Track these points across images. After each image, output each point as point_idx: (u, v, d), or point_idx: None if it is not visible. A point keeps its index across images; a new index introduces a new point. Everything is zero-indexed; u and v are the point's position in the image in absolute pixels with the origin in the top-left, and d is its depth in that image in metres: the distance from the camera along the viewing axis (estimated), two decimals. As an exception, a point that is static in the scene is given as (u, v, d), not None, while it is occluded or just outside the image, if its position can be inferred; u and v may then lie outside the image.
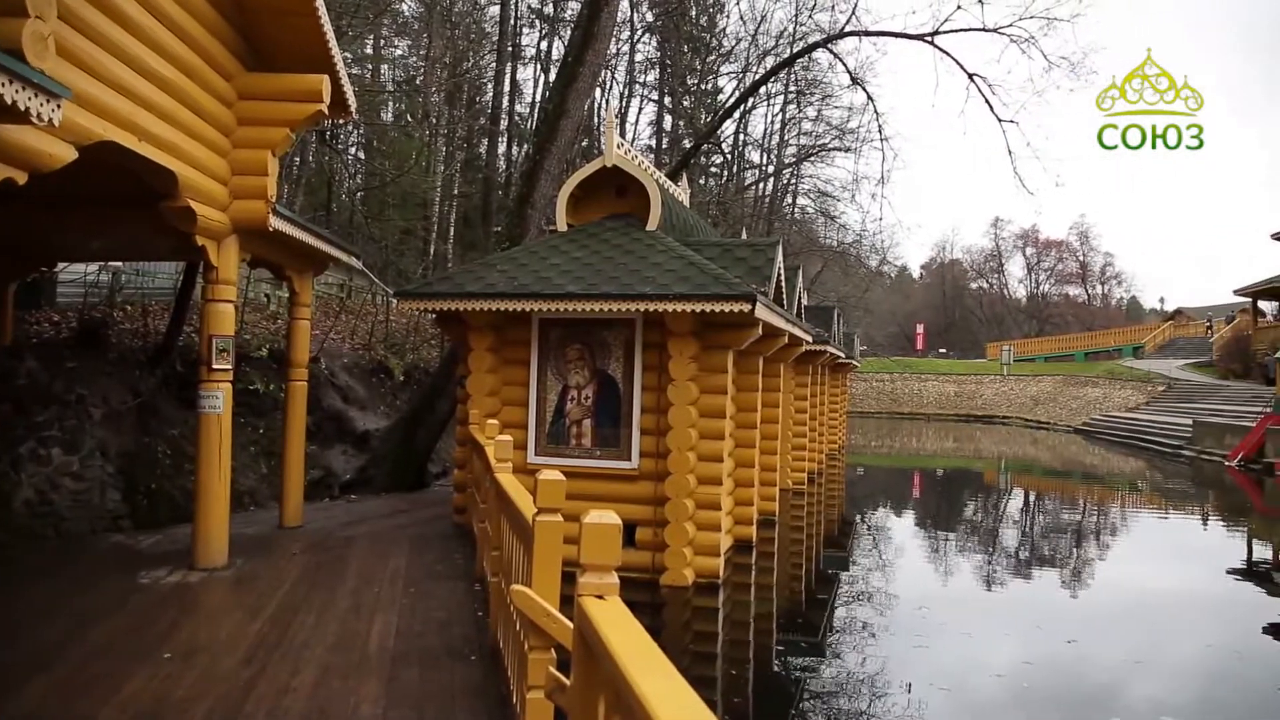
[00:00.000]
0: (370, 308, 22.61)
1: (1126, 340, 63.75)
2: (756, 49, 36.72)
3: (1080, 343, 65.74)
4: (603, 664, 2.13)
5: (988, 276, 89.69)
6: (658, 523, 10.07)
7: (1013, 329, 79.37)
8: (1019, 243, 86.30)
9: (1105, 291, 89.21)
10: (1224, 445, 29.18)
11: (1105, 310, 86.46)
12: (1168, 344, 60.46)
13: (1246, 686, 8.34)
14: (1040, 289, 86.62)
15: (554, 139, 14.84)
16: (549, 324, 10.65)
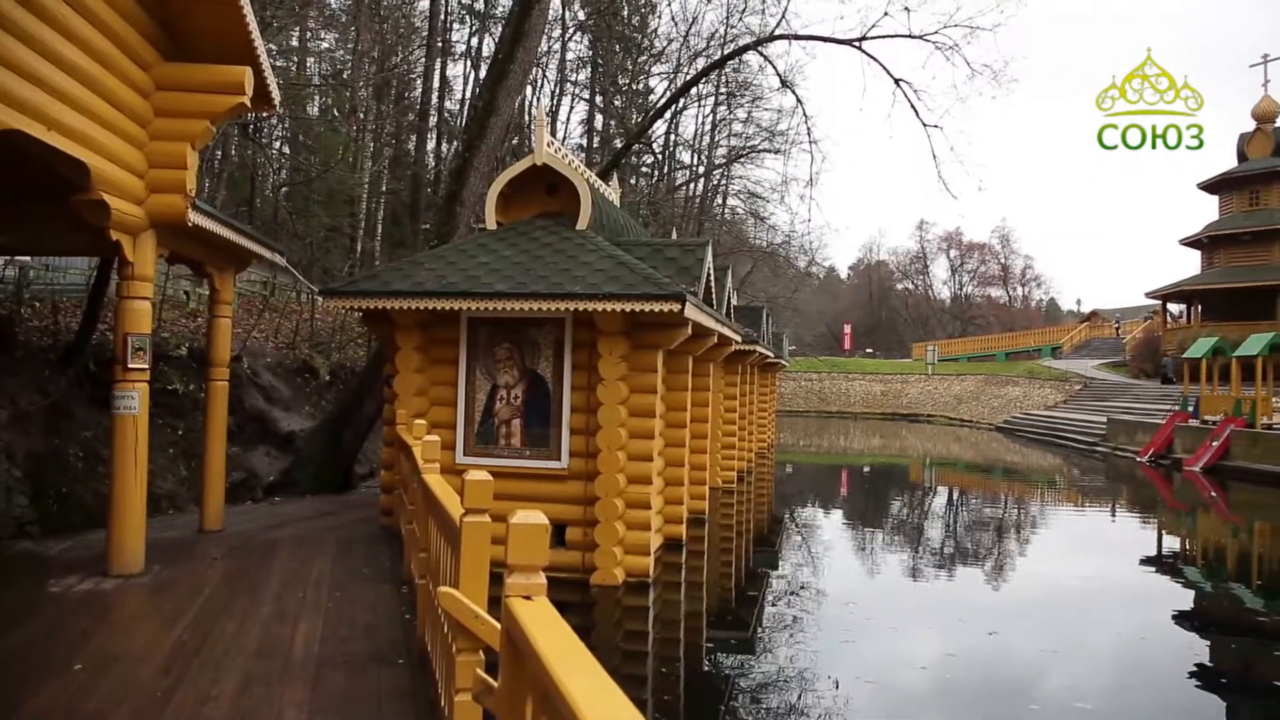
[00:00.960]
0: (295, 306, 22.14)
1: (1045, 341, 65.70)
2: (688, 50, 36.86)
3: (1001, 343, 67.55)
4: (530, 665, 2.12)
5: (913, 278, 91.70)
6: (588, 522, 10.05)
7: (937, 329, 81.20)
8: (943, 245, 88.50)
9: (1025, 293, 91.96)
10: (1136, 442, 30.24)
11: (1025, 311, 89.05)
12: (1084, 344, 62.47)
13: (1156, 673, 8.66)
14: (963, 290, 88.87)
15: (484, 136, 14.72)
16: (478, 323, 10.56)
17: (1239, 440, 25.48)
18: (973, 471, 29.72)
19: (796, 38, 23.85)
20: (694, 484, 14.04)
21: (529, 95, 34.32)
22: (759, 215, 44.42)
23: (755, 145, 39.71)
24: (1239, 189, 44.32)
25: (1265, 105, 44.37)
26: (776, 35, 24.42)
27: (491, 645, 3.36)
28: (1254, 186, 43.70)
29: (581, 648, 2.00)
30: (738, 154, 41.18)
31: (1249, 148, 44.67)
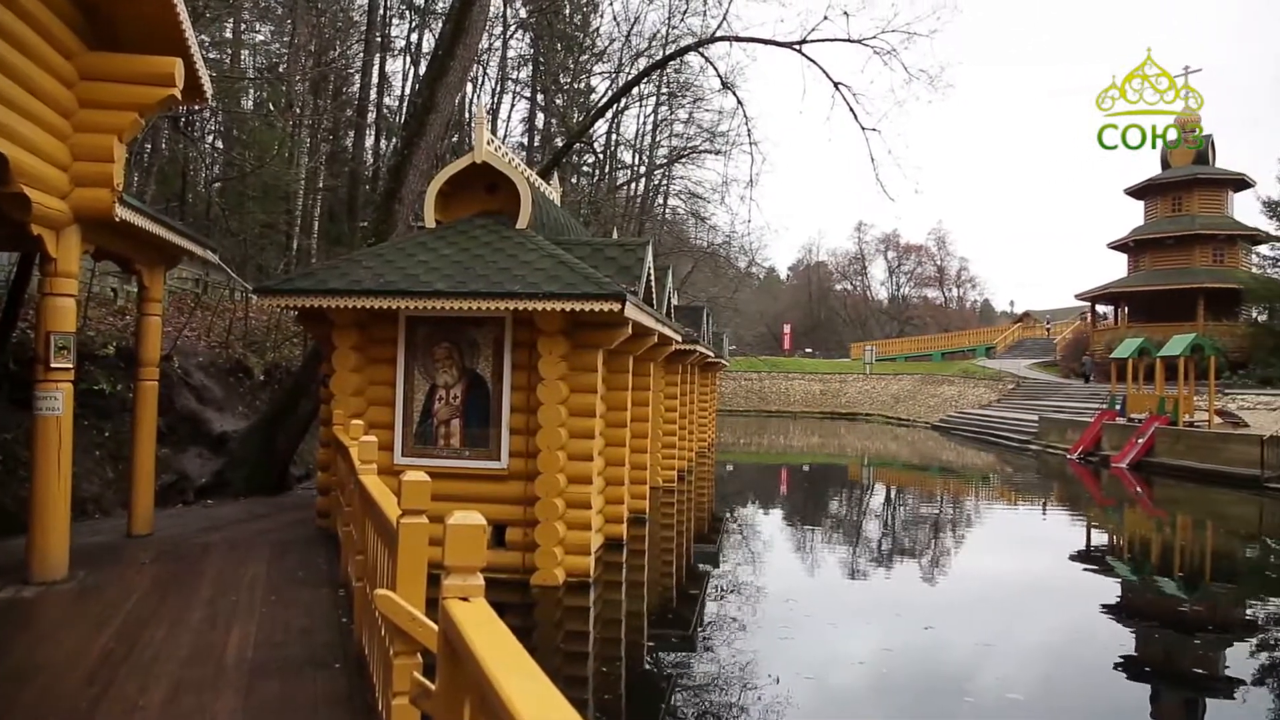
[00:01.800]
0: (228, 304, 21.67)
1: (980, 341, 67.14)
2: (630, 50, 36.94)
3: (938, 343, 68.85)
4: (467, 667, 2.09)
5: (852, 279, 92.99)
6: (528, 522, 10.01)
7: (875, 330, 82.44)
8: (881, 246, 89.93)
9: (961, 294, 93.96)
10: (1066, 440, 31.04)
11: (961, 312, 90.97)
12: (1017, 345, 63.97)
13: (1084, 663, 8.89)
14: (901, 291, 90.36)
15: (423, 134, 14.55)
16: (417, 322, 10.44)
17: (1163, 437, 26.30)
18: (909, 470, 30.22)
19: (737, 39, 24.06)
20: (635, 483, 14.06)
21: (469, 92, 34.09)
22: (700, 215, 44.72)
23: (696, 146, 39.99)
24: (1163, 195, 45.76)
25: (1186, 115, 45.81)
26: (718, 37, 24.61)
27: (429, 648, 3.32)
28: (1176, 193, 45.15)
29: (519, 649, 1.98)
30: (679, 154, 41.40)
31: (1172, 155, 46.06)
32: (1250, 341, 37.87)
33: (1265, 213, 38.30)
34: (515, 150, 33.45)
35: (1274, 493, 21.00)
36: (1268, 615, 11.44)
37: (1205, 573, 14.23)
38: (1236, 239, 43.03)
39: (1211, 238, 43.37)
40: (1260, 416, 27.49)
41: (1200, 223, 43.68)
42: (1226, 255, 43.42)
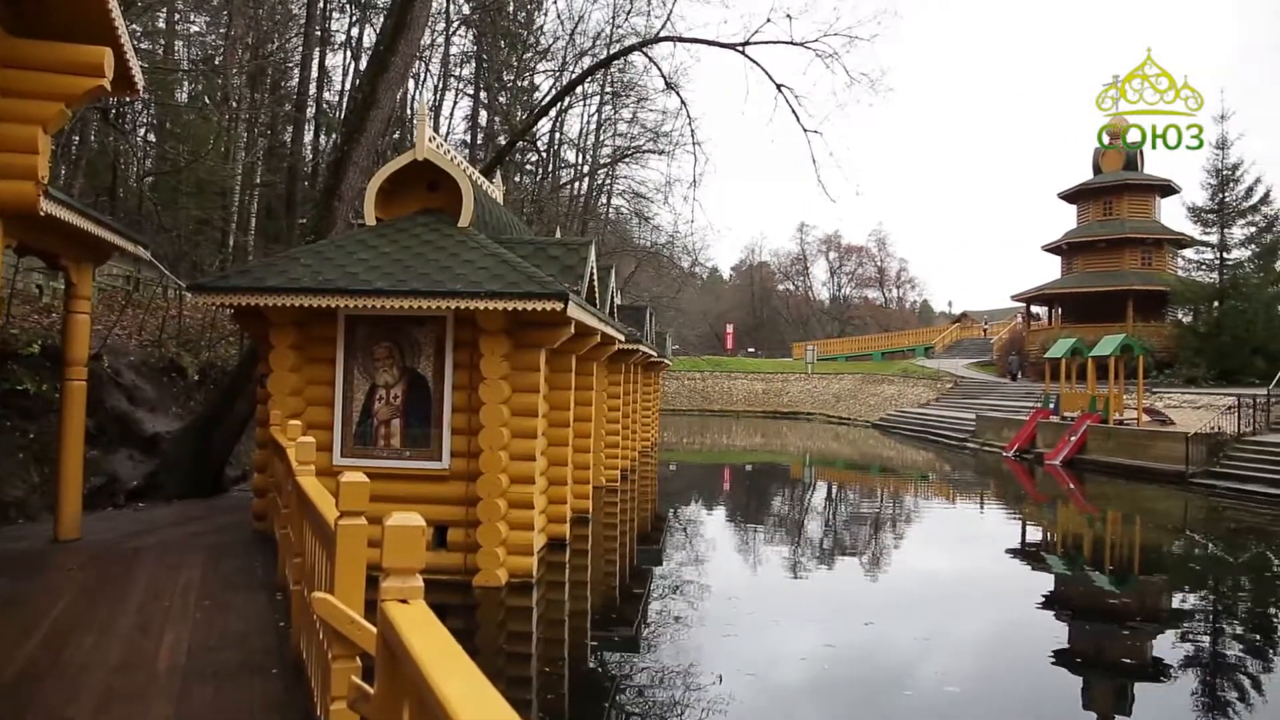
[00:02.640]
0: (161, 302, 21.13)
1: (919, 341, 68.27)
2: (574, 48, 36.85)
3: (878, 343, 69.82)
4: (406, 670, 2.07)
5: (794, 279, 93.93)
6: (470, 523, 9.93)
7: (817, 329, 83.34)
8: (823, 247, 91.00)
9: (901, 295, 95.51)
10: (1002, 437, 31.70)
11: (901, 312, 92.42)
12: (955, 345, 65.18)
13: (1021, 655, 9.09)
14: (842, 291, 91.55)
15: (363, 129, 14.35)
16: (356, 321, 10.29)
17: (1094, 435, 27.00)
18: (851, 468, 30.61)
19: (681, 40, 24.16)
20: (577, 483, 14.04)
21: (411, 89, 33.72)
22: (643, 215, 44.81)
23: (640, 145, 40.05)
24: (1094, 199, 47.00)
25: (1116, 122, 47.12)
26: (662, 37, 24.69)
27: (368, 651, 3.27)
28: (1107, 198, 46.40)
29: (459, 651, 1.96)
30: (622, 154, 41.44)
31: (1103, 161, 47.39)
32: (1176, 342, 39.06)
33: (1190, 218, 39.54)
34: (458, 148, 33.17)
35: (1198, 488, 21.69)
36: (1192, 606, 11.82)
37: (1134, 566, 14.64)
38: (1164, 243, 44.34)
39: (1140, 241, 44.64)
40: (1185, 414, 28.37)
41: (1130, 227, 44.94)
42: (1154, 258, 44.73)
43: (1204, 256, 39.15)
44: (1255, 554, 15.27)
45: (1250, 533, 17.23)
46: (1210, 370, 35.56)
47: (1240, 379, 33.43)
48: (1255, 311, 35.50)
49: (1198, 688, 8.28)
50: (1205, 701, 7.85)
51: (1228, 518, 18.73)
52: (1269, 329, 35.49)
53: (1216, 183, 38.18)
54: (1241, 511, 19.12)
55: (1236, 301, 36.20)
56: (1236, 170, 37.89)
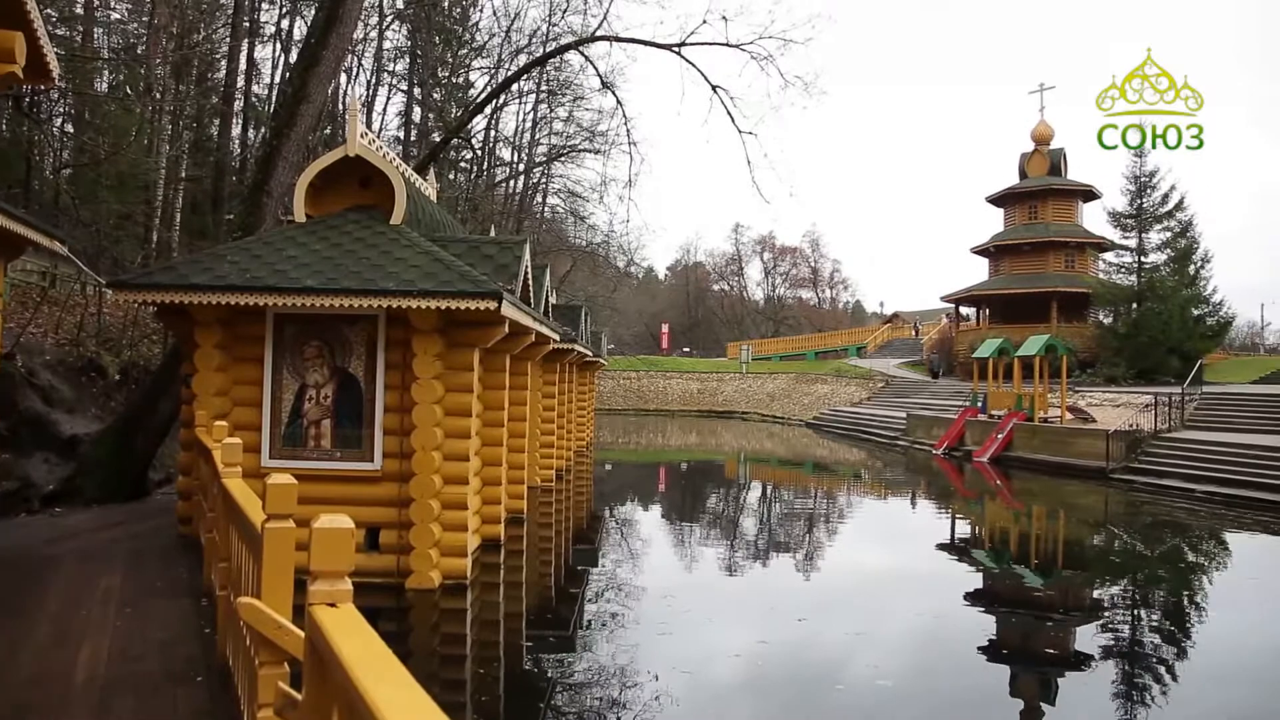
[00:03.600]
0: (79, 299, 20.43)
1: (851, 341, 69.32)
2: (509, 46, 36.60)
3: (811, 343, 70.72)
4: (334, 675, 2.02)
5: (729, 279, 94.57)
6: (402, 525, 9.80)
7: (751, 329, 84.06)
8: (757, 248, 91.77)
9: (834, 295, 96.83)
10: (932, 435, 32.33)
11: (834, 313, 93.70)
12: (886, 344, 66.31)
13: (949, 649, 9.27)
14: (776, 292, 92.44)
15: (293, 124, 14.07)
16: (285, 319, 10.07)
17: (1020, 432, 27.70)
18: (785, 466, 30.94)
19: (618, 40, 24.14)
20: (512, 483, 13.96)
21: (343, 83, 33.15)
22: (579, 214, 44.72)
23: (576, 144, 39.95)
24: (1020, 203, 48.21)
25: (1042, 129, 48.53)
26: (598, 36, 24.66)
27: (296, 656, 3.20)
28: (1032, 202, 47.64)
29: (389, 655, 1.93)
30: (558, 152, 41.29)
31: (1029, 166, 48.65)
32: (1097, 342, 40.27)
33: (1111, 222, 40.79)
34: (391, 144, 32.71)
35: (1118, 483, 22.38)
36: (1112, 597, 12.19)
37: (1058, 560, 15.05)
38: (1086, 246, 45.67)
39: (1064, 245, 45.92)
40: (1106, 412, 29.25)
41: (1054, 230, 46.20)
42: (1077, 261, 46.04)
43: (1123, 260, 40.43)
44: (1171, 546, 15.81)
45: (1166, 526, 17.83)
46: (1129, 369, 36.75)
47: (1157, 378, 34.62)
48: (1170, 313, 36.78)
49: (1117, 676, 8.54)
50: (1124, 689, 8.10)
51: (1145, 512, 19.36)
52: (1183, 330, 36.84)
53: (1135, 189, 39.46)
54: (1158, 505, 19.77)
55: (1153, 303, 37.45)
56: (1153, 177, 39.21)
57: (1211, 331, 39.45)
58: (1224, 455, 21.91)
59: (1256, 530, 17.46)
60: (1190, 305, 38.05)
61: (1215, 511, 18.75)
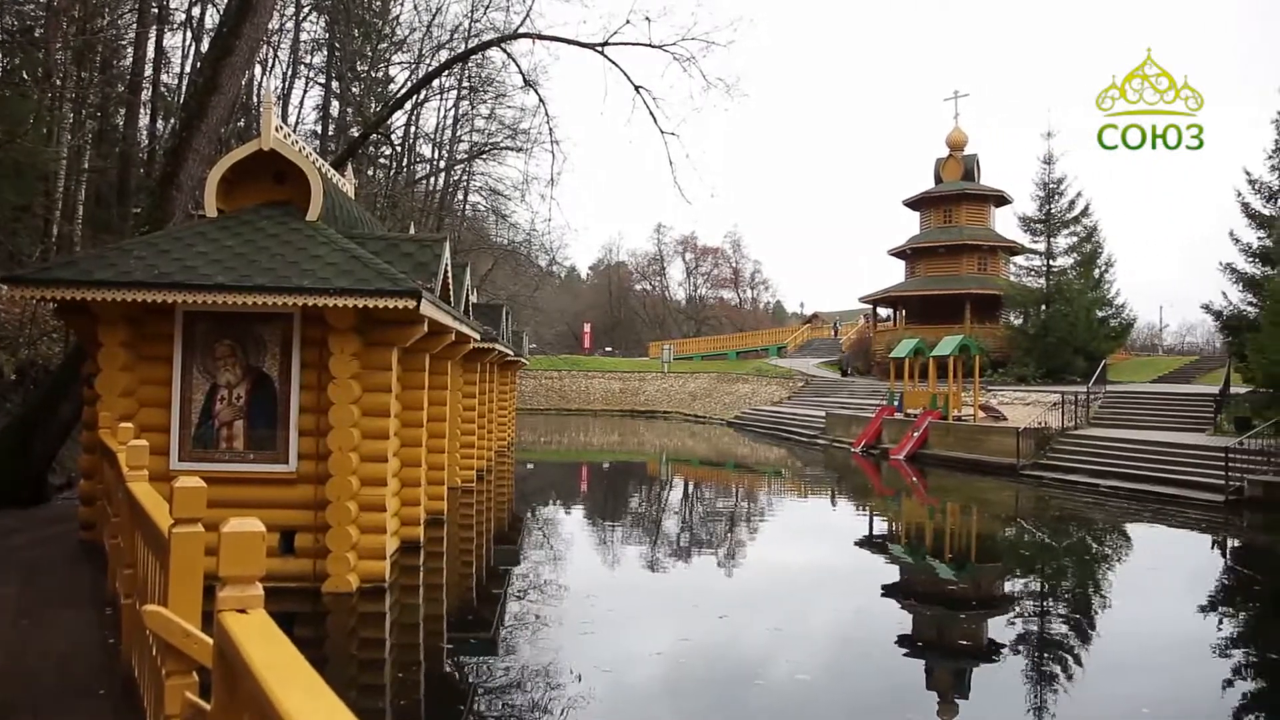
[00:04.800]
0: (-27, 296, 19.52)
1: (772, 341, 70.15)
2: (431, 41, 36.08)
3: (733, 342, 71.36)
4: (244, 684, 1.95)
5: (651, 279, 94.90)
6: (318, 527, 9.58)
7: (673, 329, 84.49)
8: (679, 248, 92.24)
9: (755, 296, 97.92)
10: (850, 434, 32.91)
11: (754, 313, 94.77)
12: (806, 344, 67.29)
13: (867, 642, 9.45)
14: (698, 292, 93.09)
15: (204, 115, 13.64)
16: (196, 317, 9.75)
17: (935, 431, 28.39)
18: (707, 465, 31.17)
19: (540, 38, 24.00)
20: (432, 484, 13.78)
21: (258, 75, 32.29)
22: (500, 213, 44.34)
23: (498, 142, 39.59)
24: (935, 207, 49.45)
25: (956, 135, 49.88)
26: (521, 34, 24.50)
27: (205, 665, 3.09)
28: (947, 206, 48.92)
29: (301, 661, 1.87)
30: (480, 150, 40.87)
31: (944, 171, 49.93)
32: (1008, 343, 41.54)
33: (1021, 227, 42.07)
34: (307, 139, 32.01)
35: (1028, 479, 23.11)
36: (1022, 589, 12.57)
37: (971, 554, 15.46)
38: (998, 249, 47.06)
39: (977, 248, 47.25)
40: (1016, 411, 30.16)
41: (967, 234, 47.52)
42: (989, 264, 47.43)
43: (1033, 263, 41.73)
44: (1077, 539, 16.39)
45: (1073, 519, 18.48)
46: (1039, 369, 37.99)
47: (1065, 377, 35.88)
48: (1077, 315, 38.14)
49: (1028, 666, 8.80)
50: (1034, 678, 8.36)
51: (1054, 506, 20.03)
52: (1089, 331, 38.25)
53: (1044, 195, 40.78)
54: (1065, 500, 20.47)
55: (1061, 305, 38.75)
56: (1061, 184, 40.60)
57: (1115, 333, 41.07)
58: (1126, 451, 22.80)
59: (1156, 522, 18.21)
60: (1095, 307, 39.51)
61: (1118, 505, 19.51)
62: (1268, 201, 29.54)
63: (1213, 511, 18.35)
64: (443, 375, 14.35)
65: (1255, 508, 18.16)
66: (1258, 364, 21.73)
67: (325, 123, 38.91)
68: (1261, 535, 17.18)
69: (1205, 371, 36.65)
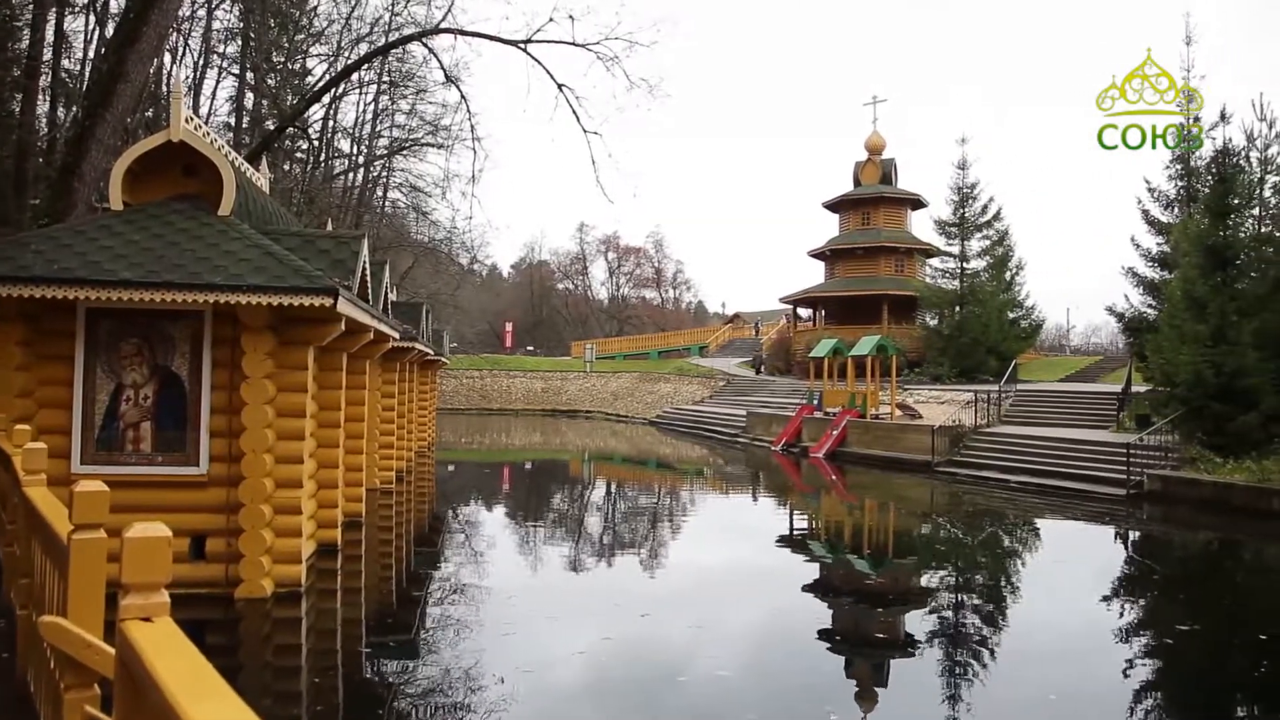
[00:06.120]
0: None
1: (694, 340, 70.65)
2: (350, 33, 35.33)
3: (655, 342, 71.67)
4: (149, 695, 1.87)
5: (573, 278, 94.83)
6: (231, 531, 9.32)
7: (596, 329, 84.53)
8: (602, 247, 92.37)
9: (677, 295, 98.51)
10: (771, 432, 33.32)
11: (676, 312, 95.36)
12: (727, 344, 67.95)
13: (787, 638, 9.56)
14: (620, 291, 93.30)
15: (109, 104, 13.14)
16: (100, 315, 9.39)
17: (854, 429, 28.91)
18: (629, 464, 31.22)
19: (462, 33, 23.76)
20: (349, 486, 13.55)
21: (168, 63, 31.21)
22: (421, 210, 43.65)
23: (419, 138, 39.02)
24: (854, 209, 50.42)
25: (874, 139, 50.94)
26: (442, 28, 24.23)
27: (107, 677, 2.96)
28: (865, 208, 49.93)
29: (209, 670, 1.80)
30: (400, 146, 40.24)
31: (862, 174, 50.94)
32: (924, 343, 42.60)
33: (936, 230, 43.20)
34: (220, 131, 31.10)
35: (942, 476, 23.70)
36: (938, 583, 12.87)
37: (888, 549, 15.77)
38: (914, 252, 48.21)
39: (894, 250, 48.32)
40: (931, 409, 30.91)
41: (885, 236, 48.57)
42: (906, 266, 48.56)
43: (948, 265, 42.87)
44: (989, 534, 16.86)
45: (985, 514, 19.01)
46: (953, 368, 39.04)
47: (978, 376, 36.93)
48: (989, 316, 39.31)
49: (943, 657, 9.01)
50: (949, 669, 8.56)
51: (967, 502, 20.58)
52: (1000, 331, 39.46)
53: (958, 200, 41.94)
54: (977, 495, 21.05)
55: (974, 307, 39.89)
56: (974, 189, 41.83)
57: (1025, 333, 42.45)
58: (1034, 448, 23.56)
59: (1062, 516, 18.88)
60: (1006, 309, 40.77)
61: (1027, 500, 20.15)
62: (1165, 209, 30.91)
63: (1115, 505, 19.09)
64: (361, 375, 14.11)
65: (1154, 500, 18.99)
66: (1156, 364, 22.68)
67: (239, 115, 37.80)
68: (1159, 526, 17.93)
69: (1109, 371, 38.13)
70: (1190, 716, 7.80)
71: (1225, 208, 21.91)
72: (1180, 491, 18.90)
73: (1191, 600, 12.15)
